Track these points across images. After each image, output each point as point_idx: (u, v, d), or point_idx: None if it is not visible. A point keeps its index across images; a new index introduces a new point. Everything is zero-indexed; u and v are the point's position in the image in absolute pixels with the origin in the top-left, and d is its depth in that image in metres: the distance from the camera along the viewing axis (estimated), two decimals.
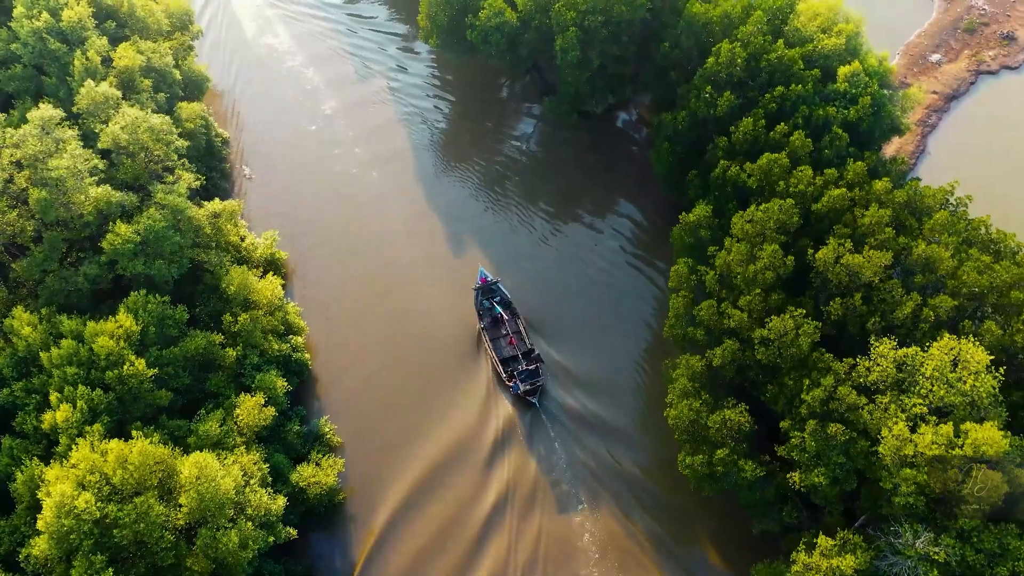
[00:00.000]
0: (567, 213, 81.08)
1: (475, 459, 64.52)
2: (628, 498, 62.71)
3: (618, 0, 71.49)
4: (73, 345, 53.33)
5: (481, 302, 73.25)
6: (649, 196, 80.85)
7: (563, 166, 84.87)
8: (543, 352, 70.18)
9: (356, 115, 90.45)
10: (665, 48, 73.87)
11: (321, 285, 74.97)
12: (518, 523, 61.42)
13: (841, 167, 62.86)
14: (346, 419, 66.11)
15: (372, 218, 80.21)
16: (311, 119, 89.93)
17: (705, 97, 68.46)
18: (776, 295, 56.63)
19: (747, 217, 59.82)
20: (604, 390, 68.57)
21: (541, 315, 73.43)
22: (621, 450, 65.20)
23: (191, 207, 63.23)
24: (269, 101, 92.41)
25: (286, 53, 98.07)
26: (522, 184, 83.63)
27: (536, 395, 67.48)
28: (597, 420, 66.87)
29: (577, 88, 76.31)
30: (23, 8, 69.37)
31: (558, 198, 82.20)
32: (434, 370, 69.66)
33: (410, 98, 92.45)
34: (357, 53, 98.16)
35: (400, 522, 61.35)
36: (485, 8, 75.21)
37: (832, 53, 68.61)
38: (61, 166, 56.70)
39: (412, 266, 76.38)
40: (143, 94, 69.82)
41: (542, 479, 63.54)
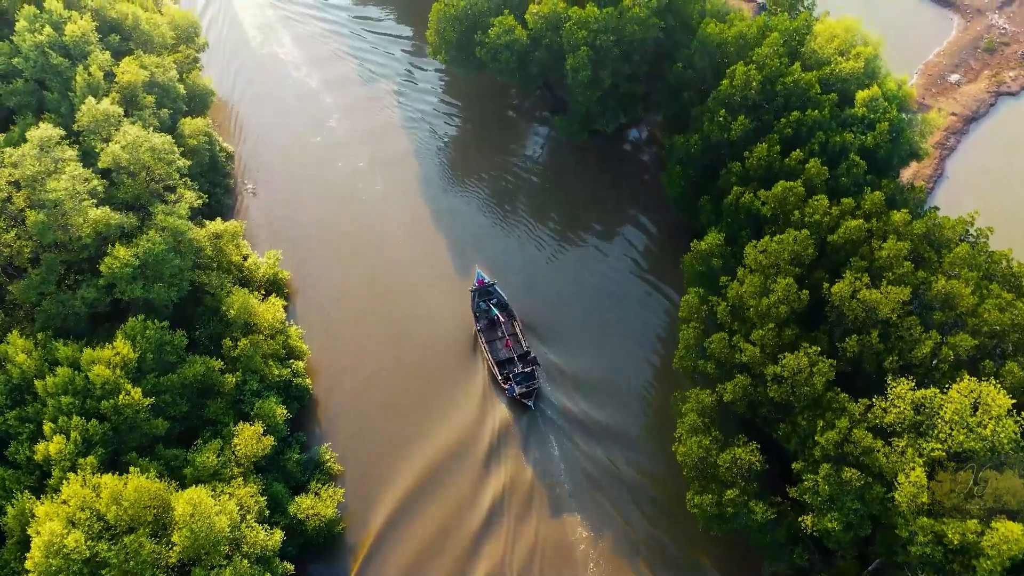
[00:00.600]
0: (575, 228, 79.78)
1: (472, 462, 63.97)
2: (627, 503, 61.90)
3: (630, 20, 69.91)
4: (68, 373, 52.14)
5: (478, 304, 72.80)
6: (660, 214, 79.35)
7: (572, 181, 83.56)
8: (543, 356, 69.52)
9: (361, 126, 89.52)
10: (678, 68, 72.27)
11: (321, 286, 74.27)
12: (514, 527, 60.78)
13: (858, 195, 61.16)
14: (343, 421, 65.80)
15: (374, 222, 79.74)
16: (316, 131, 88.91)
17: (719, 121, 66.80)
18: (790, 330, 54.96)
19: (761, 248, 58.18)
20: (604, 393, 67.63)
21: (543, 319, 72.80)
22: (621, 455, 64.37)
23: (192, 228, 62.01)
24: (273, 109, 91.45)
25: (291, 63, 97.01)
26: (530, 199, 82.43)
27: (532, 398, 66.87)
28: (595, 424, 66.01)
29: (588, 107, 74.77)
30: (25, 22, 68.23)
31: (566, 213, 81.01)
32: (431, 371, 69.13)
33: (418, 108, 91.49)
34: (364, 61, 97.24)
35: (397, 524, 60.77)
36: (495, 26, 73.74)
37: (850, 76, 66.92)
38: (59, 188, 55.54)
39: (411, 267, 76.26)
40: (146, 111, 68.64)
41: (539, 482, 62.94)
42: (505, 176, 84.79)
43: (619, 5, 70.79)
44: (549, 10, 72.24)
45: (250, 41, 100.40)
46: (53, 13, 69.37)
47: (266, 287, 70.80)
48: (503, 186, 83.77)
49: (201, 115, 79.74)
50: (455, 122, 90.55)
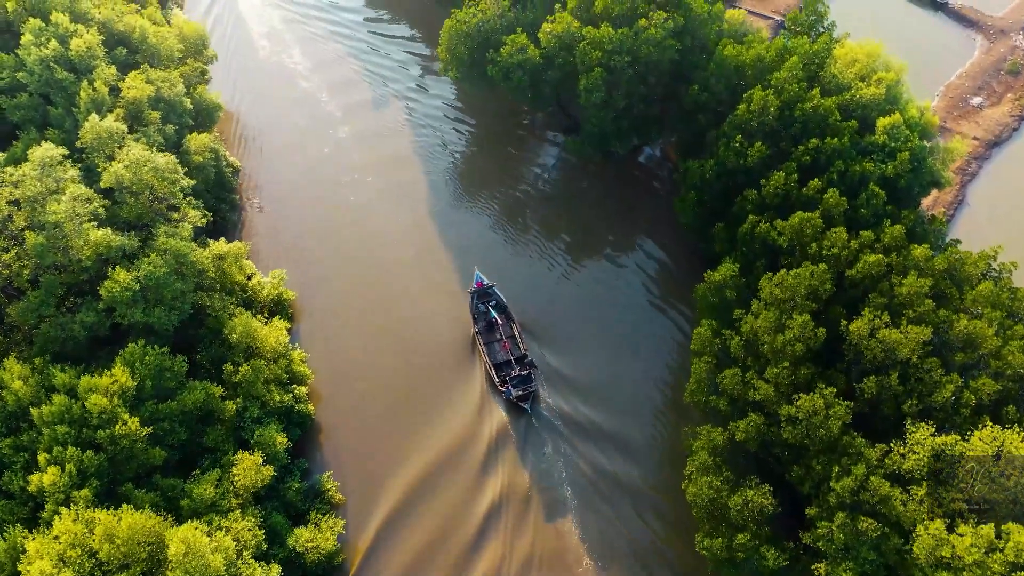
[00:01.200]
0: (587, 246, 78.44)
1: (469, 465, 63.63)
2: (627, 510, 61.13)
3: (645, 41, 68.34)
4: (65, 401, 51.00)
5: (476, 306, 72.31)
6: (673, 234, 77.63)
7: (584, 198, 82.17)
8: (545, 362, 69.03)
9: (370, 138, 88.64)
10: (694, 91, 70.61)
11: (325, 303, 73.27)
12: (512, 532, 60.28)
13: (877, 227, 59.48)
14: (341, 426, 65.64)
15: (380, 238, 78.71)
16: (324, 142, 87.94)
17: (735, 147, 65.17)
18: (806, 369, 53.26)
19: (776, 281, 56.47)
20: (605, 399, 66.87)
21: (551, 332, 72.00)
22: (622, 462, 63.64)
23: (195, 250, 60.83)
24: (281, 120, 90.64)
25: (300, 73, 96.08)
26: (541, 215, 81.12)
27: (528, 401, 66.17)
28: (595, 428, 65.40)
29: (601, 128, 73.24)
30: (31, 36, 67.21)
31: (578, 230, 79.62)
32: (430, 373, 68.92)
33: (428, 118, 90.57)
34: (374, 70, 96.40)
35: (393, 529, 60.33)
36: (507, 44, 72.32)
37: (871, 103, 65.15)
38: (59, 211, 54.38)
39: (416, 282, 75.40)
40: (151, 127, 67.54)
41: (536, 487, 62.39)
42: (516, 192, 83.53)
43: (634, 26, 69.24)
44: (563, 29, 70.76)
45: (258, 50, 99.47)
46: (59, 27, 68.41)
47: (270, 308, 69.58)
48: (513, 202, 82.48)
49: (208, 129, 78.67)
50: (466, 134, 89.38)
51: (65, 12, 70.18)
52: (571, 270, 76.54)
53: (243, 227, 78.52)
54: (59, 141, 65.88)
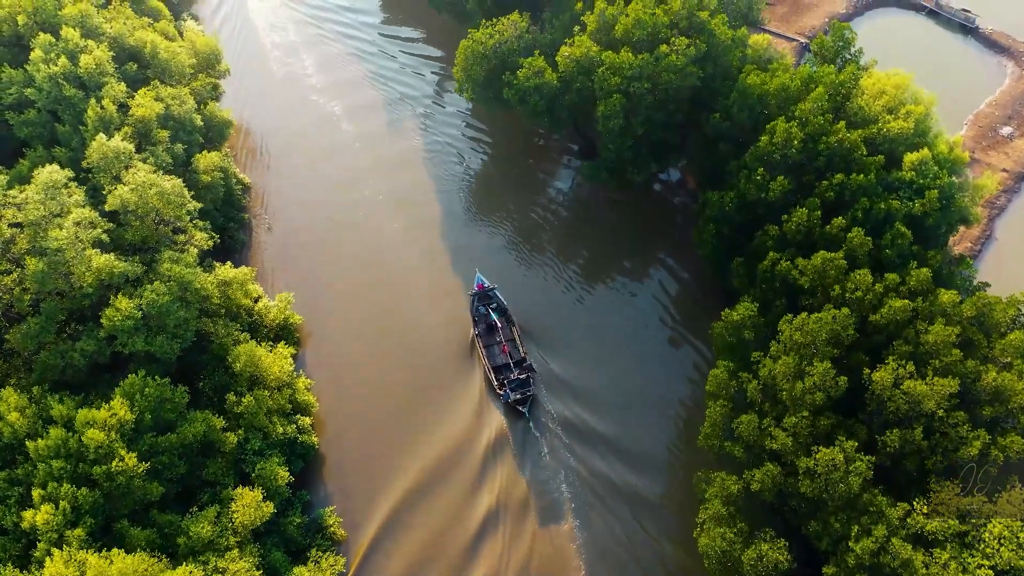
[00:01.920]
0: (602, 270, 76.86)
1: (467, 469, 63.36)
2: (627, 517, 60.48)
3: (666, 68, 66.44)
4: (61, 435, 49.75)
5: (477, 308, 72.01)
6: (690, 262, 75.89)
7: (600, 221, 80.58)
8: (548, 369, 68.75)
9: (384, 152, 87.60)
10: (715, 119, 68.63)
11: (332, 325, 72.15)
12: (510, 536, 59.86)
13: (903, 268, 57.32)
14: (335, 423, 65.76)
15: (391, 259, 77.54)
16: (336, 157, 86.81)
17: (756, 179, 63.14)
18: (825, 419, 51.32)
19: (797, 325, 54.53)
20: (609, 406, 66.37)
21: (552, 337, 71.78)
22: (621, 467, 63.20)
23: (199, 276, 59.43)
24: (293, 134, 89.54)
25: (312, 86, 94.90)
26: (556, 237, 79.63)
27: (526, 404, 65.88)
28: (594, 433, 64.95)
29: (618, 154, 71.36)
30: (41, 51, 66.13)
31: (593, 253, 78.25)
32: (430, 375, 68.87)
33: (443, 133, 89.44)
34: (390, 82, 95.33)
35: (391, 534, 59.95)
36: (524, 67, 70.57)
37: (898, 137, 62.95)
38: (61, 237, 53.15)
39: (417, 286, 75.06)
40: (159, 146, 66.33)
41: (533, 491, 61.94)
42: (531, 212, 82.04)
43: (655, 52, 67.36)
44: (581, 54, 68.96)
45: (271, 62, 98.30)
46: (69, 42, 67.27)
47: (276, 332, 68.18)
48: (528, 223, 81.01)
49: (218, 147, 77.47)
50: (481, 152, 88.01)
51: (76, 27, 69.08)
52: (585, 292, 75.12)
53: (251, 247, 77.11)
54: (66, 159, 65.02)
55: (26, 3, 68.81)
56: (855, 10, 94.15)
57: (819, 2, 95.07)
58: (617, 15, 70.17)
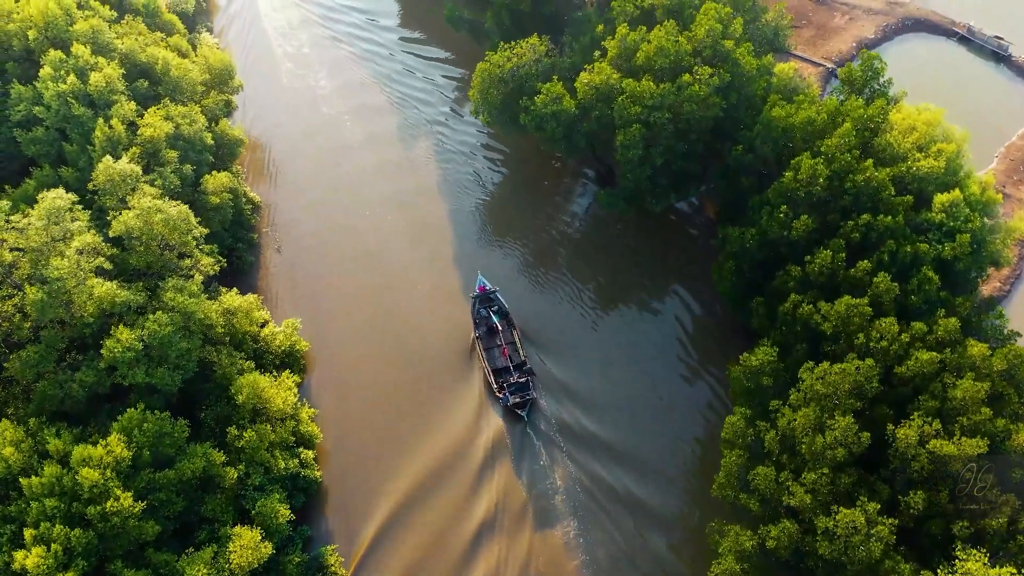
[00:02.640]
0: (616, 297, 74.99)
1: (466, 473, 63.33)
2: (627, 523, 60.26)
3: (689, 98, 64.40)
4: (56, 472, 48.46)
5: (478, 311, 72.15)
6: (708, 292, 73.74)
7: (615, 246, 78.54)
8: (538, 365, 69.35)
9: (396, 168, 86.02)
10: (738, 151, 66.58)
11: (339, 351, 70.87)
12: (508, 543, 59.74)
13: (930, 316, 55.11)
14: (333, 423, 65.95)
15: (401, 283, 75.84)
16: (348, 174, 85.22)
17: (779, 217, 61.03)
18: (846, 477, 49.21)
19: (819, 374, 52.43)
20: (605, 410, 66.37)
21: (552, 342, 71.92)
22: (624, 476, 62.86)
23: (204, 305, 58.06)
24: (305, 148, 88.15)
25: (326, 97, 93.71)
26: (571, 261, 77.73)
27: (526, 408, 65.92)
28: (594, 438, 64.79)
29: (636, 184, 69.38)
30: (50, 68, 65.00)
31: (606, 279, 76.23)
32: (430, 376, 69.10)
33: (459, 149, 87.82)
34: (405, 92, 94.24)
35: (387, 538, 60.05)
36: (542, 93, 68.73)
37: (928, 176, 60.63)
38: (62, 266, 51.86)
39: (426, 308, 74.30)
40: (167, 167, 65.01)
41: (531, 495, 61.92)
42: (544, 233, 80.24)
43: (677, 81, 65.33)
44: (601, 81, 67.03)
45: (283, 76, 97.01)
46: (79, 59, 66.12)
47: (282, 359, 66.73)
48: (542, 243, 79.27)
49: (228, 166, 76.18)
50: (497, 169, 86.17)
51: (87, 43, 67.92)
52: (598, 315, 73.44)
53: (260, 268, 75.75)
54: (73, 179, 63.99)
55: (37, 18, 67.69)
56: (884, 35, 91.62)
57: (847, 26, 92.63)
58: (639, 41, 68.21)
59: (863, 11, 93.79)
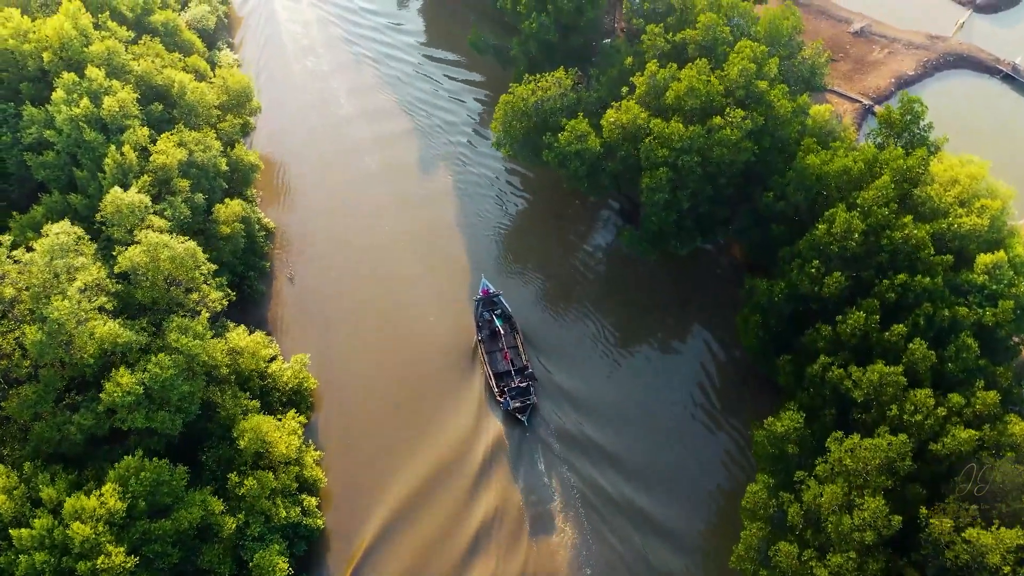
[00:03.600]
0: (636, 334, 72.84)
1: (464, 477, 63.37)
2: (627, 530, 60.35)
3: (719, 142, 61.68)
4: (48, 523, 46.78)
5: (481, 314, 72.17)
6: (728, 335, 71.29)
7: (638, 283, 76.07)
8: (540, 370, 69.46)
9: (414, 188, 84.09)
10: (769, 198, 63.79)
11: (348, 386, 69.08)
12: (505, 548, 59.82)
13: (968, 386, 52.09)
14: (334, 425, 66.12)
15: (416, 316, 73.91)
16: (365, 199, 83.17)
17: (810, 271, 58.21)
18: (875, 562, 46.42)
19: (848, 447, 49.64)
20: (607, 417, 66.46)
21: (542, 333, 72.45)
22: (626, 484, 63.11)
23: (209, 345, 56.21)
24: (322, 168, 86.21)
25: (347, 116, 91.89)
26: (591, 294, 75.46)
27: (526, 413, 65.79)
28: (595, 446, 64.89)
29: (661, 227, 66.72)
30: (63, 92, 63.44)
31: (626, 314, 74.01)
32: (431, 379, 69.23)
33: (483, 173, 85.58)
34: (428, 110, 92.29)
35: (385, 542, 60.20)
36: (566, 130, 66.27)
37: (970, 234, 57.57)
38: (63, 308, 50.14)
39: (417, 290, 74.66)
40: (178, 196, 63.23)
41: (529, 501, 62.10)
42: (565, 266, 77.90)
43: (708, 123, 62.65)
44: (628, 120, 64.45)
45: (301, 91, 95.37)
46: (93, 82, 64.50)
47: (289, 396, 64.81)
48: (562, 277, 77.00)
49: (243, 191, 74.38)
50: (519, 194, 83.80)
51: (102, 66, 66.33)
52: (617, 354, 71.36)
53: (271, 299, 73.80)
54: (83, 206, 62.48)
55: (53, 39, 66.21)
56: (924, 71, 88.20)
57: (886, 60, 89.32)
58: (668, 80, 65.54)
59: (903, 45, 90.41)
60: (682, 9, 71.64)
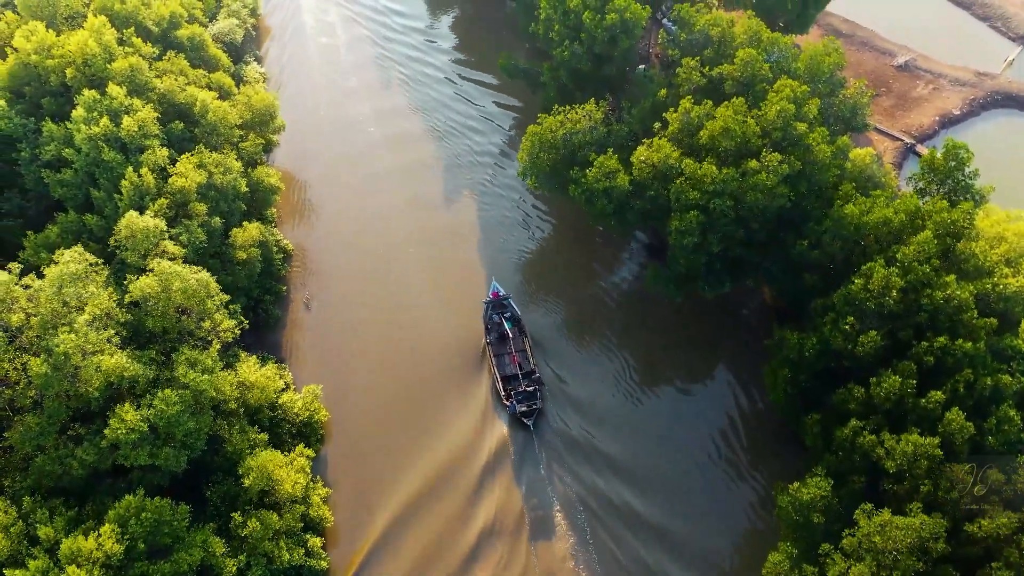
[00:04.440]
0: (656, 370, 70.84)
1: (466, 481, 63.30)
2: (627, 538, 60.12)
3: (754, 187, 59.21)
4: (43, 564, 45.52)
5: (490, 316, 71.85)
6: (753, 382, 68.85)
7: (663, 319, 73.79)
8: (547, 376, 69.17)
9: (438, 213, 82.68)
10: (803, 246, 61.18)
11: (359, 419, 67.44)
12: (506, 555, 59.63)
13: (1009, 460, 49.22)
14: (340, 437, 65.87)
15: (432, 349, 71.98)
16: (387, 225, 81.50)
17: (844, 328, 55.60)
18: None
19: (877, 524, 47.09)
20: (614, 426, 66.19)
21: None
22: (628, 493, 62.95)
23: (218, 379, 54.74)
24: (345, 190, 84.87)
25: (374, 143, 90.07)
26: (613, 328, 73.44)
27: (532, 417, 65.71)
28: (599, 454, 64.78)
29: (689, 269, 64.38)
30: (83, 110, 62.37)
31: (649, 349, 72.08)
32: (437, 382, 69.26)
33: (504, 199, 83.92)
34: (458, 134, 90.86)
35: (386, 546, 60.05)
36: (595, 167, 64.10)
37: (1016, 296, 54.67)
38: (69, 341, 48.87)
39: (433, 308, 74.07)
40: (195, 220, 61.96)
41: (530, 506, 61.94)
42: (588, 296, 76.03)
43: (742, 166, 60.23)
44: (660, 159, 62.17)
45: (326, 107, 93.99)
46: (114, 100, 63.35)
47: (299, 428, 63.32)
48: (585, 307, 75.19)
49: (262, 213, 73.07)
50: (545, 219, 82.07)
51: (124, 83, 65.21)
52: (639, 391, 69.37)
53: (286, 325, 72.30)
54: (98, 227, 61.47)
55: (76, 55, 65.18)
56: (970, 109, 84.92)
57: (930, 96, 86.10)
58: (703, 117, 63.17)
59: (949, 81, 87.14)
60: (720, 42, 69.23)
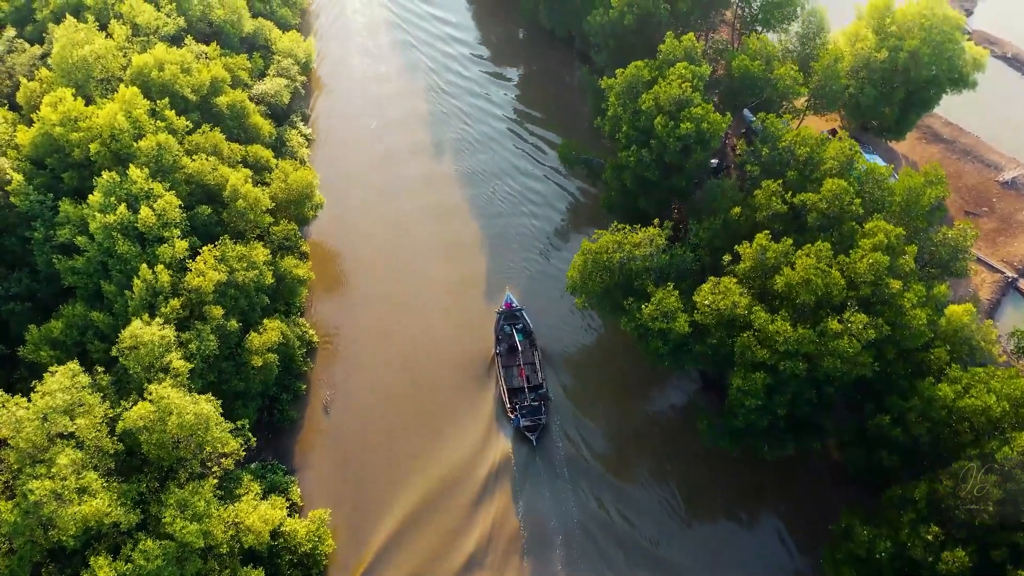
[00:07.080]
0: (699, 513, 63.51)
1: (467, 493, 62.98)
2: (619, 560, 59.29)
3: (832, 352, 51.51)
4: None
5: (502, 327, 70.72)
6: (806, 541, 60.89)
7: (709, 454, 64.72)
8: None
9: (480, 299, 76.02)
10: (884, 421, 53.27)
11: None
12: (500, 565, 59.21)
13: None
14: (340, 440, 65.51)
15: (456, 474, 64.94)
16: (417, 319, 75.17)
17: (926, 537, 47.62)
18: None
19: None
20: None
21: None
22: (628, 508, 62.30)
23: (209, 524, 49.29)
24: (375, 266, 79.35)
25: (411, 213, 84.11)
26: (653, 461, 66.10)
27: (536, 432, 64.57)
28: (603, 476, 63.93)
29: (748, 426, 56.91)
30: (100, 195, 57.74)
31: (688, 485, 64.64)
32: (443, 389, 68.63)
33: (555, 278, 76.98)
34: (518, 206, 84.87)
35: (387, 554, 59.98)
36: (651, 303, 57.00)
37: None
38: (43, 488, 43.90)
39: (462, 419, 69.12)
40: (207, 326, 56.81)
41: (527, 521, 61.35)
42: (629, 421, 68.44)
43: (821, 324, 52.56)
44: (726, 306, 54.81)
45: (373, 175, 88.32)
46: (135, 184, 58.58)
47: (300, 559, 57.70)
48: (624, 432, 67.59)
49: (286, 305, 67.82)
50: (592, 328, 74.35)
51: (149, 163, 60.44)
52: (680, 529, 62.59)
53: (302, 429, 66.58)
54: (105, 325, 56.83)
55: (104, 128, 60.65)
56: None
57: None
58: (779, 258, 55.68)
59: None
60: (806, 163, 61.59)
